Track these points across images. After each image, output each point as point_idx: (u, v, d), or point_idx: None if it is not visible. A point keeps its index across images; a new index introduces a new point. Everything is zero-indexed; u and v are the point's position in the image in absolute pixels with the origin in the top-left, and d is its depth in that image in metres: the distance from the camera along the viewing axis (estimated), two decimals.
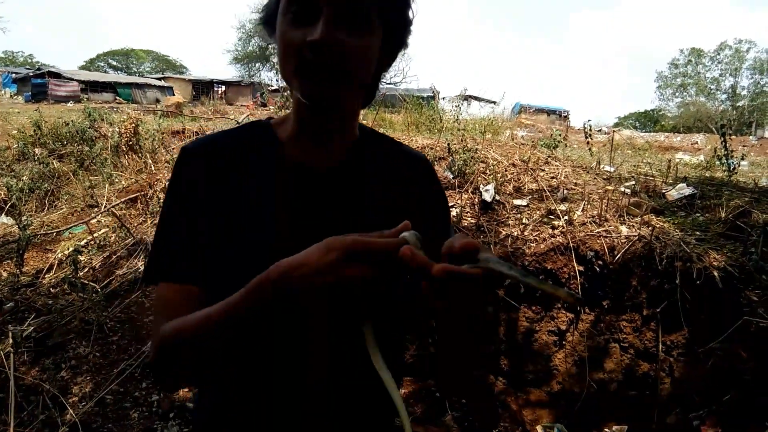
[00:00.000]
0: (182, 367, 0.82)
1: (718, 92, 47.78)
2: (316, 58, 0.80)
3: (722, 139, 5.10)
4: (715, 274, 3.28)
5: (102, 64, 58.46)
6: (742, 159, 5.72)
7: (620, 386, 3.46)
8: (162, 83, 39.27)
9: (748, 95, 45.60)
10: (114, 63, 59.61)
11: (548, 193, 4.36)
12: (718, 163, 5.60)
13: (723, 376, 3.07)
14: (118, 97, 32.62)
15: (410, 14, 0.92)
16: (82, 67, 53.11)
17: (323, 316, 0.68)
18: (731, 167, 5.04)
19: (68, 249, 4.24)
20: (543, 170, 5.10)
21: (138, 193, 5.05)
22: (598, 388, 3.51)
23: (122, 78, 41.48)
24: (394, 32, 0.91)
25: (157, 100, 29.71)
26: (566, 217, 3.99)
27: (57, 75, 33.43)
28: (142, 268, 3.95)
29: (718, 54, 47.24)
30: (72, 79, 33.13)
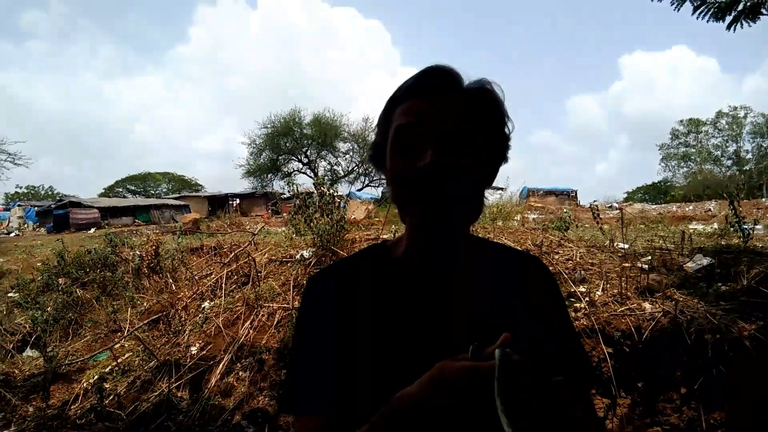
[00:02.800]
0: None
1: (723, 158, 48.27)
2: (427, 181, 0.89)
3: (731, 206, 5.12)
4: (747, 344, 3.20)
5: (120, 190, 60.68)
6: (756, 224, 5.69)
7: None
8: (178, 202, 40.53)
9: (753, 158, 45.96)
10: (132, 188, 61.84)
11: (566, 276, 4.35)
12: (732, 229, 5.57)
13: None
14: (137, 220, 33.60)
15: (507, 130, 1.00)
16: (102, 194, 55.19)
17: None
18: (746, 233, 5.02)
19: (93, 377, 4.24)
20: (557, 253, 5.12)
21: (160, 314, 5.10)
22: None
23: (140, 201, 42.93)
24: (495, 149, 0.99)
25: (173, 219, 30.50)
26: (587, 299, 3.96)
27: (78, 204, 34.63)
28: (166, 391, 3.92)
29: (717, 122, 48.20)
30: (92, 207, 34.31)
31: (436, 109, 0.91)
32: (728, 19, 3.60)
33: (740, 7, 3.55)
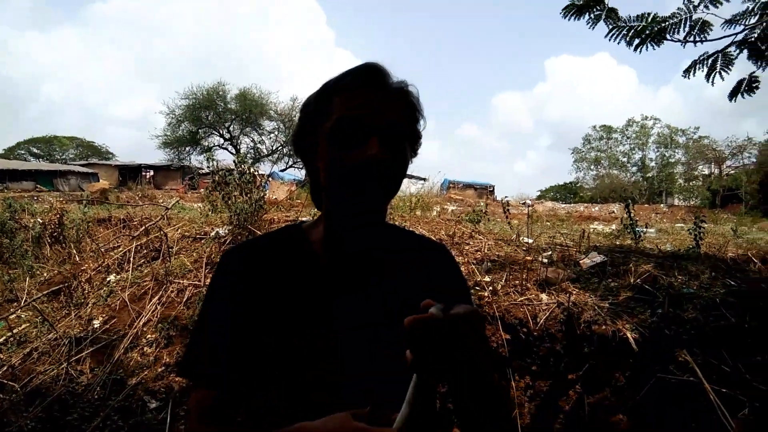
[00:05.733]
0: None
1: (629, 165, 51.44)
2: (371, 171, 0.95)
3: (627, 210, 5.56)
4: (629, 335, 3.51)
5: (22, 152, 56.40)
6: (646, 227, 6.21)
7: None
8: (86, 170, 38.36)
9: (656, 167, 49.28)
10: (36, 151, 57.63)
11: (474, 266, 4.57)
12: (627, 231, 6.04)
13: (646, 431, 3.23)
14: (38, 186, 31.50)
15: (420, 126, 1.09)
16: (1, 156, 51.13)
17: None
18: (637, 236, 5.47)
19: None
20: (468, 244, 5.35)
21: (61, 285, 4.88)
22: None
23: (43, 165, 40.22)
24: (413, 144, 1.09)
25: (80, 187, 28.91)
26: (491, 288, 4.18)
27: None
28: (64, 365, 3.79)
29: (627, 129, 51.24)
30: None
31: (379, 104, 0.98)
32: (636, 41, 3.91)
33: (648, 32, 3.86)
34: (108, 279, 4.80)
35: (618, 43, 3.97)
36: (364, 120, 0.97)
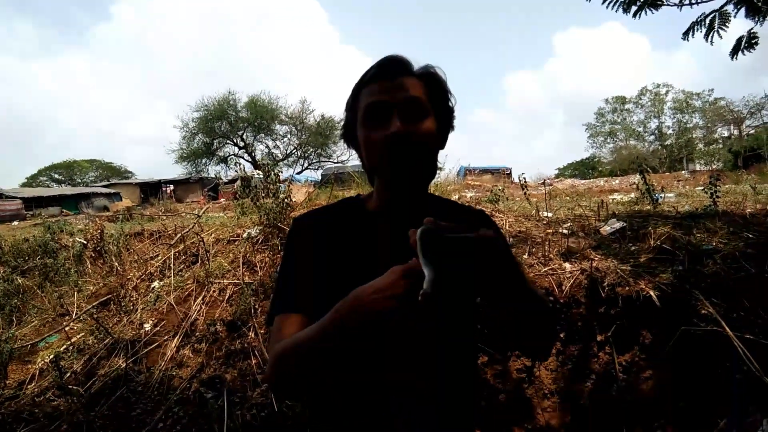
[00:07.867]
0: (291, 376, 1.08)
1: (646, 134, 50.73)
2: (395, 145, 1.15)
3: (642, 177, 5.67)
4: (652, 294, 3.65)
5: (45, 179, 57.67)
6: (662, 191, 6.31)
7: (590, 411, 3.68)
8: (108, 190, 39.02)
9: (673, 134, 48.51)
10: (57, 176, 58.87)
11: None
12: (645, 198, 6.14)
13: (676, 383, 3.37)
14: (64, 210, 32.18)
15: (450, 103, 1.29)
16: (24, 185, 52.33)
17: (395, 323, 0.93)
18: (655, 200, 5.58)
19: (47, 357, 4.30)
20: None
21: (109, 296, 5.17)
22: (571, 417, 3.73)
23: (67, 190, 40.98)
24: (442, 117, 1.27)
25: (105, 208, 29.47)
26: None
27: None
28: (123, 365, 4.06)
29: (640, 99, 50.49)
30: (15, 197, 32.60)
31: (396, 88, 1.18)
32: (633, 9, 4.02)
33: None
34: (152, 285, 5.08)
35: (615, 10, 4.08)
36: (384, 102, 1.16)
